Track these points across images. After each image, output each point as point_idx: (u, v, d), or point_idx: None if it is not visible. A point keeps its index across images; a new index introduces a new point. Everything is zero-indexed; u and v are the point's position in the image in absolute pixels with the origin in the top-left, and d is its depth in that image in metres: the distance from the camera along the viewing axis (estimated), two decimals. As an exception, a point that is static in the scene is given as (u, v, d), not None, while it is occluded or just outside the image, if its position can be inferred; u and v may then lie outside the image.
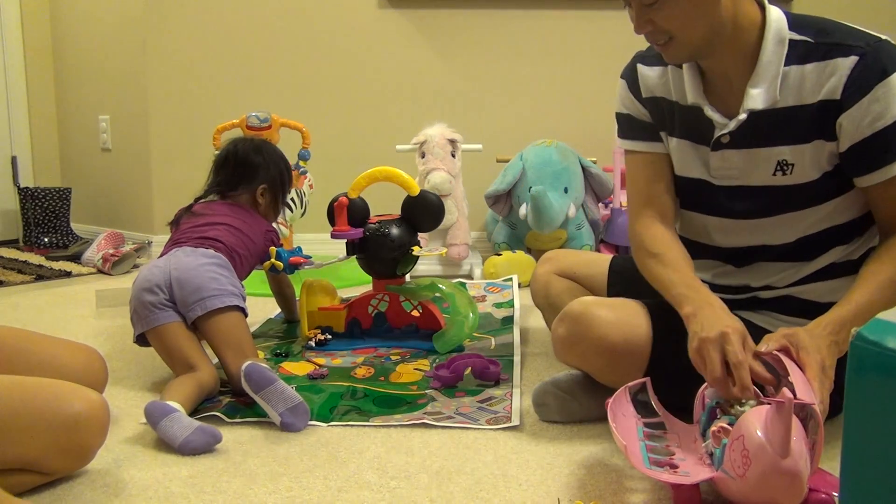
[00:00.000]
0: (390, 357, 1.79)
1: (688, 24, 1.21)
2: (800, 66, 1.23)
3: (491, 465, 1.24)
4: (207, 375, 1.50)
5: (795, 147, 1.25)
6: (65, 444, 1.14)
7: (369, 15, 3.17)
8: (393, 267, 1.90)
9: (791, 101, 1.24)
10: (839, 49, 1.21)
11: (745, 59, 1.25)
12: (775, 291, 1.36)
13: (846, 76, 1.19)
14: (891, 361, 0.66)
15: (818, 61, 1.22)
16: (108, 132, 3.48)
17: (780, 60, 1.23)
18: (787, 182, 1.28)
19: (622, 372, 1.31)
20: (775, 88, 1.24)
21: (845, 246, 1.32)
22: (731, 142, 1.29)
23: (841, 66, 1.20)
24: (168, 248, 1.71)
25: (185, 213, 1.82)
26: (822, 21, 1.25)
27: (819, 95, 1.22)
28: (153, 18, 3.19)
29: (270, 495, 1.15)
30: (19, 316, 2.27)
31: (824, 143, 1.24)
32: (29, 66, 3.67)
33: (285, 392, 1.37)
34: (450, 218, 2.68)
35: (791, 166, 1.26)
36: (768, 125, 1.26)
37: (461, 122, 2.88)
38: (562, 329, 1.35)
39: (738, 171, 1.31)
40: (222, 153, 1.94)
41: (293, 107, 2.99)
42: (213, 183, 1.90)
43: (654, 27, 1.22)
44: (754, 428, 0.95)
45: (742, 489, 0.97)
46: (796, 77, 1.23)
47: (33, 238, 3.46)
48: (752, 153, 1.29)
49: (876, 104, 1.18)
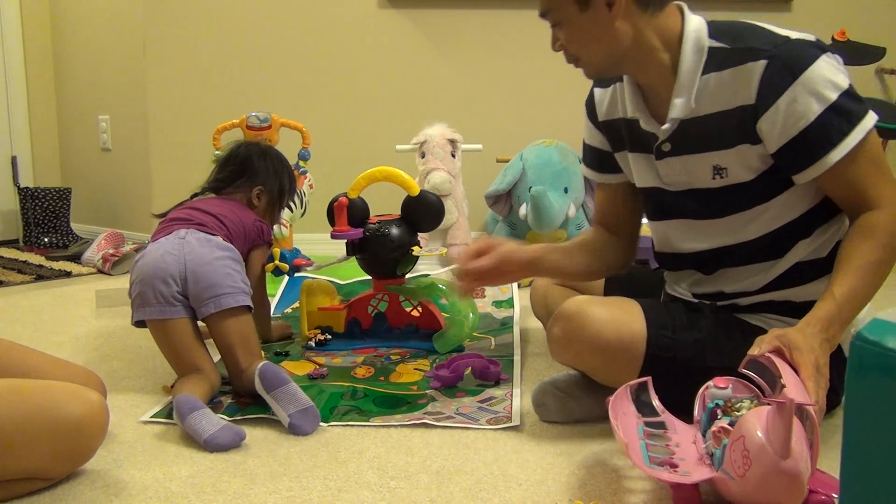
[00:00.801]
0: (390, 357, 1.79)
1: (585, 46, 1.29)
2: (718, 73, 1.26)
3: (491, 465, 1.24)
4: (215, 378, 1.51)
5: (723, 152, 1.28)
6: (66, 450, 1.14)
7: (369, 15, 3.17)
8: (393, 267, 1.90)
9: (713, 108, 1.27)
10: (750, 53, 1.23)
11: (668, 71, 1.29)
12: (752, 298, 1.37)
13: (758, 80, 1.22)
14: (891, 361, 0.65)
15: (733, 67, 1.24)
16: (108, 132, 3.48)
17: (698, 69, 1.27)
18: (725, 184, 1.30)
19: (618, 370, 1.31)
20: (691, 97, 1.27)
21: (809, 240, 1.32)
22: (671, 150, 1.33)
23: (752, 70, 1.23)
24: (168, 227, 1.64)
25: (176, 208, 1.78)
26: (740, 26, 1.28)
27: (737, 101, 1.25)
28: (153, 18, 3.19)
29: (270, 495, 1.15)
30: (19, 316, 2.27)
31: (750, 147, 1.26)
32: (29, 66, 3.67)
33: (297, 394, 1.38)
34: (450, 218, 2.68)
35: (725, 170, 1.29)
36: (696, 133, 1.29)
37: (461, 122, 2.88)
38: (556, 328, 1.35)
39: (684, 177, 1.35)
40: (226, 152, 1.91)
41: (293, 107, 2.99)
42: (212, 180, 1.86)
43: (563, 48, 1.31)
44: (755, 428, 0.95)
45: (742, 490, 0.97)
46: (716, 84, 1.26)
47: (33, 238, 3.46)
48: (689, 159, 1.32)
49: (795, 104, 1.20)
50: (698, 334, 1.31)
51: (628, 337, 1.30)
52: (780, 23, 1.30)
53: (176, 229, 1.62)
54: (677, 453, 1.13)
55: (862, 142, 1.21)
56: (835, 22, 3.18)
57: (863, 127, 1.21)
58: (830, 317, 1.15)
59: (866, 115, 1.22)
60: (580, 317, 1.32)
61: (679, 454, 1.13)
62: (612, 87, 1.44)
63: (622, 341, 1.30)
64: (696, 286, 1.42)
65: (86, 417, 1.13)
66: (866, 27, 3.17)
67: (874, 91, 3.35)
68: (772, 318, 1.35)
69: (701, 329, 1.32)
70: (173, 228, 1.62)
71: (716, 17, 1.32)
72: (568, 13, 1.27)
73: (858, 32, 3.13)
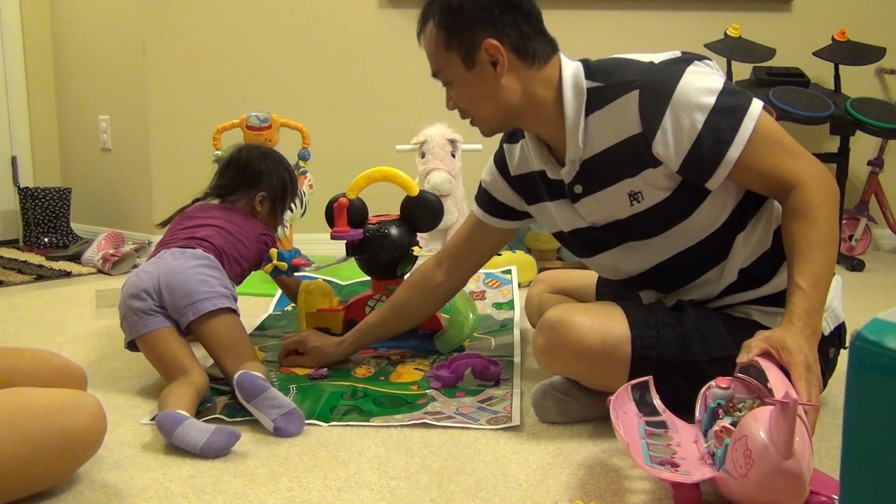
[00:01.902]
0: (390, 357, 1.79)
1: (476, 104, 1.34)
2: (599, 111, 1.29)
3: (491, 465, 1.24)
4: (200, 379, 1.48)
5: (632, 179, 1.30)
6: (70, 462, 1.14)
7: (369, 15, 3.17)
8: (393, 267, 1.90)
9: (605, 144, 1.30)
10: (623, 87, 1.27)
11: (558, 120, 1.32)
12: (719, 301, 1.38)
13: (636, 110, 1.25)
14: (891, 361, 0.65)
15: (612, 102, 1.27)
16: (108, 132, 3.49)
17: (580, 112, 1.30)
18: (645, 207, 1.32)
19: (606, 374, 1.32)
20: (578, 139, 1.30)
21: (746, 232, 1.33)
22: (583, 191, 1.36)
23: (629, 102, 1.26)
24: (157, 250, 1.68)
25: (178, 214, 1.80)
26: (611, 63, 1.31)
27: (624, 133, 1.28)
28: (153, 18, 3.19)
29: (270, 495, 1.15)
30: (19, 316, 2.27)
31: (653, 170, 1.28)
32: (29, 66, 3.67)
33: (278, 399, 1.36)
34: (450, 218, 2.69)
35: (640, 193, 1.31)
36: (599, 170, 1.32)
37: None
38: (540, 338, 1.36)
39: (603, 213, 1.37)
40: (227, 157, 1.91)
41: (293, 107, 2.99)
42: (214, 186, 1.86)
43: (456, 106, 1.37)
44: (758, 429, 0.95)
45: (744, 490, 0.97)
46: (598, 122, 1.29)
47: (33, 238, 3.46)
48: (603, 195, 1.34)
49: (679, 121, 1.22)
50: (682, 329, 1.32)
51: (612, 341, 1.30)
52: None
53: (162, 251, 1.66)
54: (678, 452, 1.13)
55: (756, 129, 1.22)
56: (835, 22, 3.18)
57: (751, 115, 1.23)
58: (807, 308, 1.15)
59: (751, 104, 1.24)
60: (562, 325, 1.32)
61: (680, 453, 1.13)
62: (520, 142, 1.47)
63: (606, 346, 1.30)
64: (665, 300, 1.43)
65: (87, 429, 1.12)
66: (866, 27, 3.17)
67: (874, 91, 3.35)
68: (753, 308, 1.35)
69: (684, 324, 1.33)
70: (160, 251, 1.66)
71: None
72: (456, 73, 1.33)
73: (858, 32, 3.13)
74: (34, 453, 1.07)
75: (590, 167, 1.33)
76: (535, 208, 1.51)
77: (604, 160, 1.31)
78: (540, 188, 1.46)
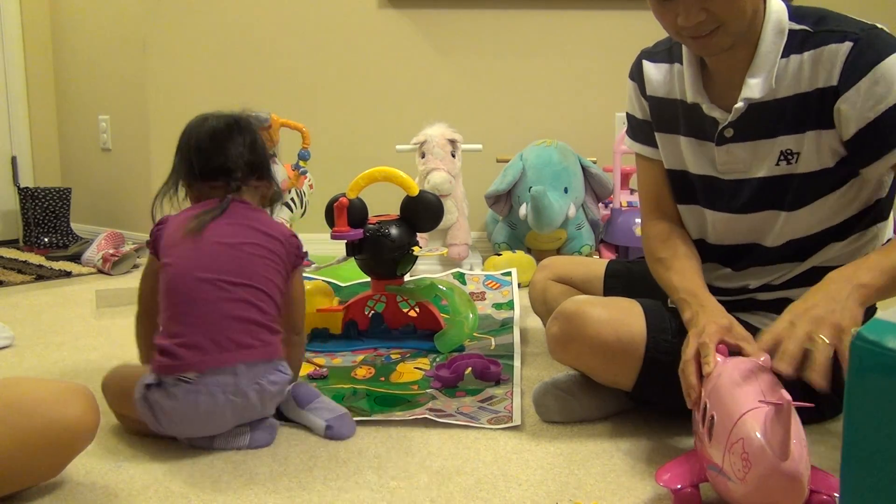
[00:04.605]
0: (390, 357, 1.79)
1: (739, 9, 1.20)
2: (798, 55, 1.23)
3: (491, 465, 1.24)
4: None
5: (796, 136, 1.25)
6: (58, 458, 1.12)
7: (369, 15, 3.17)
8: (393, 267, 1.90)
9: (790, 91, 1.25)
10: (833, 35, 1.21)
11: (747, 50, 1.26)
12: (773, 293, 1.36)
13: (842, 62, 1.20)
14: (891, 361, 0.65)
15: (814, 49, 1.22)
16: (108, 132, 3.48)
17: (778, 51, 1.24)
18: (790, 171, 1.27)
19: (617, 371, 1.31)
20: (771, 78, 1.24)
21: (842, 244, 1.31)
22: (734, 135, 1.30)
23: (836, 51, 1.20)
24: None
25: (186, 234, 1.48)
26: (821, 11, 1.26)
27: (817, 83, 1.22)
28: (153, 18, 3.19)
29: (270, 495, 1.15)
30: (19, 316, 2.27)
31: (820, 133, 1.24)
32: (29, 66, 3.67)
33: (329, 403, 1.40)
34: (450, 218, 2.69)
35: (796, 155, 1.26)
36: (768, 116, 1.26)
37: (461, 122, 2.88)
38: (555, 328, 1.35)
39: (743, 165, 1.31)
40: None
41: (293, 107, 2.99)
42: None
43: (708, 15, 1.20)
44: (754, 430, 0.95)
45: (743, 492, 0.97)
46: (795, 66, 1.24)
47: (33, 238, 3.46)
48: (755, 145, 1.29)
49: (876, 87, 1.17)
50: None
51: (628, 338, 1.29)
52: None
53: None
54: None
55: None
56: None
57: None
58: (854, 270, 1.13)
59: None
60: (579, 317, 1.31)
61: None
62: (669, 66, 1.39)
63: (621, 342, 1.29)
64: (721, 280, 1.40)
65: (78, 420, 1.11)
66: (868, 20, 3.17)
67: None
68: (773, 317, 1.34)
69: None
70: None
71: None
72: None
73: None
74: (22, 445, 1.06)
75: (755, 112, 1.26)
76: (662, 137, 1.42)
77: (776, 108, 1.25)
78: (678, 119, 1.38)
